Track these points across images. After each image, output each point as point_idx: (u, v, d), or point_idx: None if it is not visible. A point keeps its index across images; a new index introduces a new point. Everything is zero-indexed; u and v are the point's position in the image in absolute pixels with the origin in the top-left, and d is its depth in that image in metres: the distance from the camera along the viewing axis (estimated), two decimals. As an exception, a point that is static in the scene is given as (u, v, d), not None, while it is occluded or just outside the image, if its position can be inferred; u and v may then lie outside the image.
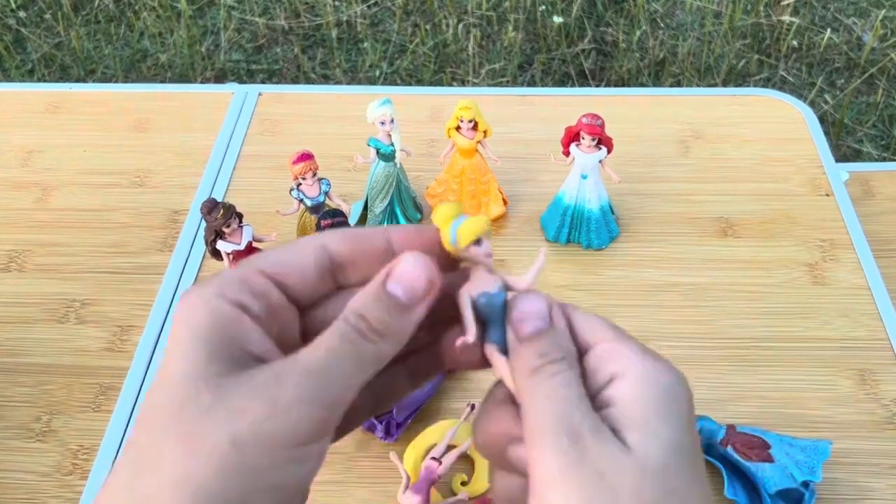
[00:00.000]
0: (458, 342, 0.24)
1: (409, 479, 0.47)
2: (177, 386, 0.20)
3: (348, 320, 0.22)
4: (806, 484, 0.44)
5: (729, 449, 0.46)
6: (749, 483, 0.46)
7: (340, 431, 0.24)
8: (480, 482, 0.48)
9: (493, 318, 0.24)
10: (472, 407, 0.50)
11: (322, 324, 0.22)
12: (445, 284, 0.23)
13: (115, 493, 0.20)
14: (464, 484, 0.48)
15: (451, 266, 0.24)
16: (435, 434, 0.49)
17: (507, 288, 0.24)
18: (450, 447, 0.48)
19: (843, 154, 1.33)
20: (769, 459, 0.45)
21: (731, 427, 0.47)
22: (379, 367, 0.22)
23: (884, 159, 1.32)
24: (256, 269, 0.22)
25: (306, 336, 0.23)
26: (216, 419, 0.20)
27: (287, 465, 0.20)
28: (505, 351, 0.24)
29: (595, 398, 0.22)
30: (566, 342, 0.23)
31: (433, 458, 0.47)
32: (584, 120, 0.56)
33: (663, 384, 0.22)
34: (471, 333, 0.23)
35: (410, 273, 0.22)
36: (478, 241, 0.24)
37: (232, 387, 0.20)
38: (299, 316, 0.23)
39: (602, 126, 0.56)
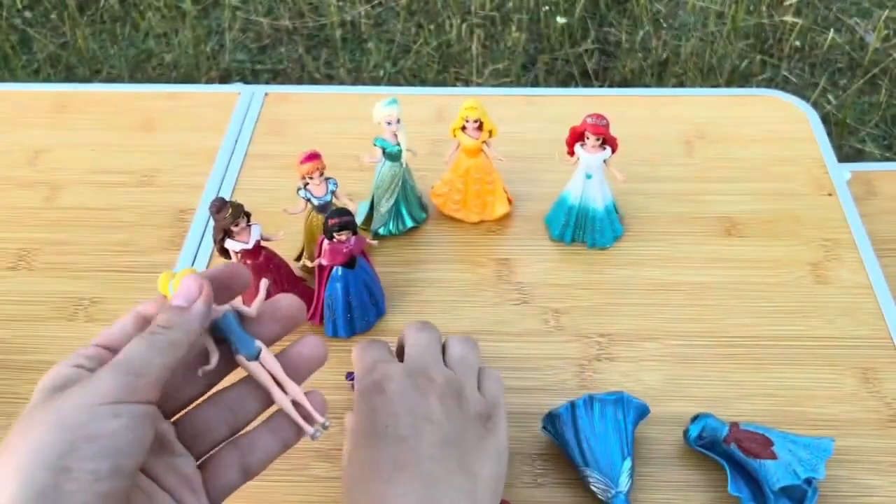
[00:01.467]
0: (200, 372, 0.34)
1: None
2: (25, 413, 0.29)
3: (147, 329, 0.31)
4: (809, 481, 0.45)
5: (732, 446, 0.46)
6: (752, 480, 0.46)
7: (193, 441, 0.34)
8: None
9: (234, 334, 0.34)
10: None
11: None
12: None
13: None
14: (469, 480, 0.48)
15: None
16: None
17: (236, 310, 0.35)
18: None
19: (846, 154, 1.33)
20: (772, 457, 0.45)
21: (734, 425, 0.47)
22: (177, 353, 0.31)
23: (886, 159, 1.32)
24: (92, 344, 0.32)
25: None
26: (43, 404, 0.28)
27: (102, 418, 0.27)
28: (249, 358, 0.34)
29: None
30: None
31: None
32: (588, 120, 0.56)
33: None
34: (213, 360, 0.34)
35: (185, 285, 0.32)
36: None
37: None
38: None
39: (607, 126, 0.56)
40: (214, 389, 0.36)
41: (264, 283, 0.35)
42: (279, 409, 0.36)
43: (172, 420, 0.34)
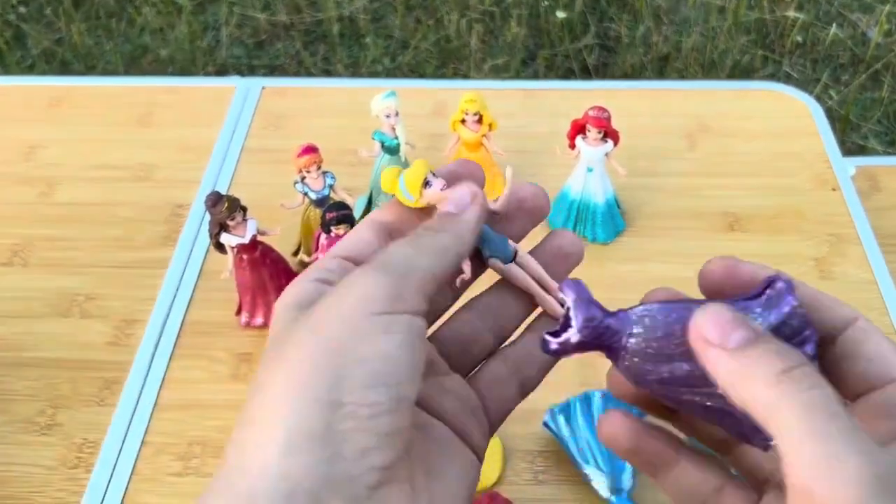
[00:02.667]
0: (458, 281, 0.26)
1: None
2: (274, 334, 0.22)
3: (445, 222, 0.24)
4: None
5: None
6: (757, 477, 0.45)
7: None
8: (486, 475, 0.48)
9: (485, 235, 0.27)
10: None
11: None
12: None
13: (233, 441, 0.21)
14: (470, 478, 0.48)
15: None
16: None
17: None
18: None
19: (848, 150, 1.33)
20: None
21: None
22: (445, 258, 0.24)
23: (889, 154, 1.32)
24: (330, 256, 0.25)
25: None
26: (295, 324, 0.22)
27: (371, 336, 0.21)
28: (506, 261, 0.27)
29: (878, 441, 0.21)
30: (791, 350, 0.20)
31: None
32: (590, 113, 0.56)
33: None
34: (467, 269, 0.26)
35: (456, 192, 0.25)
36: (426, 184, 0.25)
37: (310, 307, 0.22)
38: None
39: (608, 119, 0.56)
40: (465, 298, 0.28)
41: (510, 171, 0.28)
42: (544, 313, 0.28)
43: (429, 335, 0.26)
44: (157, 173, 0.68)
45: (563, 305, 0.24)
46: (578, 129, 0.57)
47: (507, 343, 0.28)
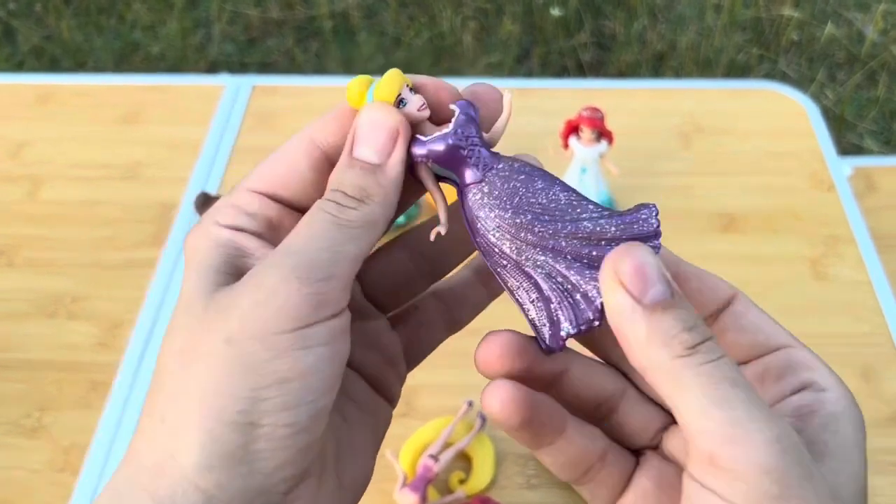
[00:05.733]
0: (432, 235, 0.22)
1: (405, 477, 0.46)
2: (176, 311, 0.20)
3: (325, 195, 0.21)
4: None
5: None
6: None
7: (400, 302, 0.25)
8: (478, 480, 0.47)
9: (461, 170, 0.22)
10: (470, 404, 0.49)
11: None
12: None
13: (143, 434, 0.20)
14: (461, 481, 0.47)
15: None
16: (432, 431, 0.48)
17: (470, 129, 0.22)
18: (447, 445, 0.48)
19: (844, 149, 1.33)
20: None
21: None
22: (374, 234, 0.21)
23: (884, 154, 1.31)
24: (248, 189, 0.21)
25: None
26: (208, 324, 0.19)
27: (289, 353, 0.19)
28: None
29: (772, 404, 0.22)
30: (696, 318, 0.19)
31: (430, 456, 0.46)
32: (584, 113, 0.55)
33: (858, 413, 0.21)
34: (443, 223, 0.22)
35: (370, 130, 0.21)
36: (401, 101, 0.21)
37: (223, 293, 0.20)
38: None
39: (602, 119, 0.55)
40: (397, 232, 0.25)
41: (508, 96, 0.23)
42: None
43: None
44: (146, 172, 0.67)
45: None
46: (572, 129, 0.56)
47: (442, 282, 0.26)
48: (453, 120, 0.21)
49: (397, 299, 0.25)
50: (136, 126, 0.71)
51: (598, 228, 0.21)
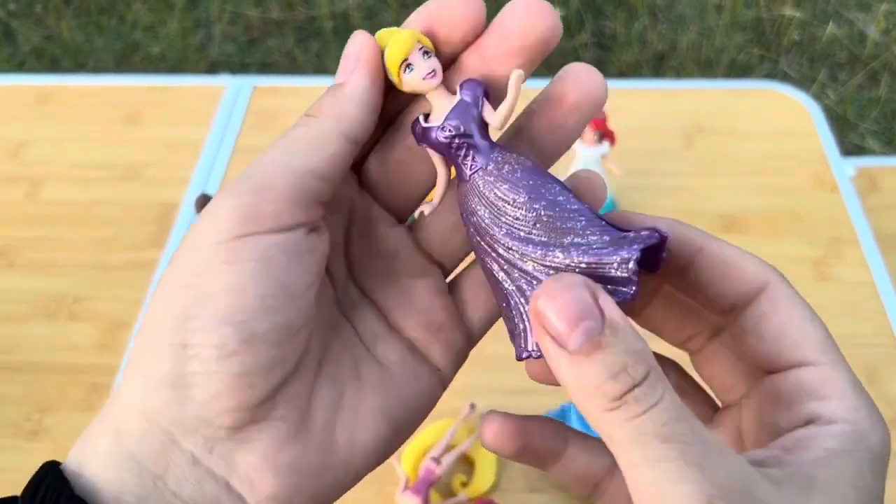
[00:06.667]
0: (427, 211, 0.22)
1: (407, 479, 0.46)
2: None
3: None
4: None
5: (735, 449, 0.45)
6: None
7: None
8: (480, 482, 0.47)
9: (452, 159, 0.21)
10: (472, 406, 0.49)
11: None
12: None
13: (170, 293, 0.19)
14: (463, 484, 0.47)
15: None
16: (434, 434, 0.48)
17: (474, 111, 0.20)
18: (449, 447, 0.47)
19: (846, 149, 1.32)
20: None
21: (736, 426, 0.46)
22: (325, 148, 0.20)
23: (886, 154, 1.31)
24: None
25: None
26: (181, 247, 0.20)
27: (218, 267, 0.19)
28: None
29: (774, 431, 0.20)
30: (637, 343, 0.17)
31: (432, 459, 0.46)
32: (586, 113, 0.55)
33: (873, 447, 0.19)
34: (434, 203, 0.21)
35: (346, 51, 0.21)
36: (407, 66, 0.20)
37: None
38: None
39: (605, 119, 0.55)
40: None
41: (517, 74, 0.21)
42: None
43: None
44: (146, 173, 0.67)
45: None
46: (574, 128, 0.56)
47: None
48: (453, 105, 0.20)
49: (457, 260, 0.23)
50: (137, 126, 0.71)
51: (568, 260, 0.19)
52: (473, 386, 0.52)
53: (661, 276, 0.21)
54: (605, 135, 0.56)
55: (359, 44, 0.20)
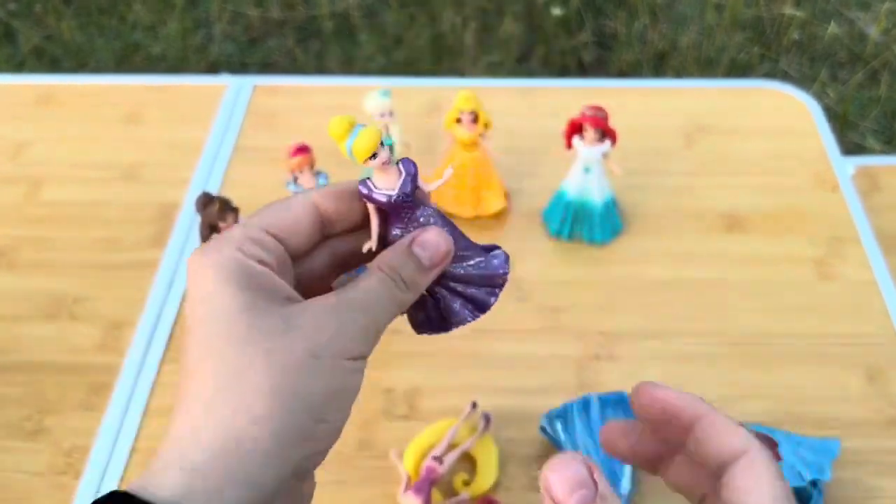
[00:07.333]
0: (364, 248, 0.28)
1: (409, 479, 0.46)
2: (237, 314, 0.24)
3: (384, 270, 0.27)
4: (814, 483, 0.44)
5: (737, 448, 0.45)
6: (757, 483, 0.45)
7: None
8: (482, 481, 0.47)
9: (397, 214, 0.28)
10: (474, 405, 0.49)
11: (309, 272, 0.28)
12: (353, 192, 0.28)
13: (200, 411, 0.23)
14: (465, 483, 0.47)
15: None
16: (436, 433, 0.48)
17: (409, 189, 0.28)
18: (451, 446, 0.47)
19: (846, 148, 1.32)
20: (777, 458, 0.44)
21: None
22: (401, 311, 0.27)
23: (887, 153, 1.31)
24: (261, 228, 0.26)
25: (298, 284, 0.27)
26: (294, 338, 0.24)
27: (349, 374, 0.25)
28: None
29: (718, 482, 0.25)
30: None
31: (434, 458, 0.46)
32: (587, 112, 0.55)
33: None
34: (373, 242, 0.28)
35: (434, 242, 0.27)
36: (373, 155, 0.27)
37: (296, 314, 0.25)
38: (292, 266, 0.27)
39: (606, 118, 0.55)
40: None
41: (449, 171, 0.30)
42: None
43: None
44: (147, 173, 0.67)
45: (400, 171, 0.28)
46: (575, 128, 0.56)
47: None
48: (401, 179, 0.28)
49: (311, 292, 0.28)
50: (138, 126, 0.71)
51: (469, 272, 0.28)
52: (473, 385, 0.52)
53: (675, 445, 0.28)
54: (607, 134, 0.55)
55: (449, 251, 0.28)
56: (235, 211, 0.50)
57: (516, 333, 0.54)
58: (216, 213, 0.49)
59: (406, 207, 0.28)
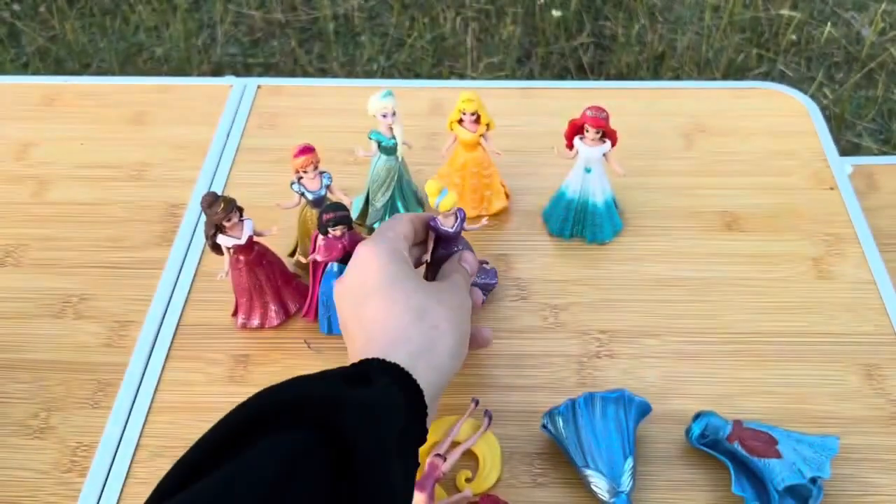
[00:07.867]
0: (423, 257, 0.50)
1: (413, 475, 0.46)
2: (408, 271, 0.44)
3: (458, 271, 0.48)
4: (814, 480, 0.44)
5: (736, 444, 0.45)
6: (756, 479, 0.45)
7: None
8: (485, 478, 0.47)
9: (447, 240, 0.49)
10: (476, 402, 0.50)
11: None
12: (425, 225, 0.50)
13: (408, 322, 0.41)
14: (468, 480, 0.47)
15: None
16: (438, 430, 0.49)
17: (461, 227, 0.49)
18: (454, 443, 0.48)
19: (843, 148, 1.33)
20: (777, 455, 0.45)
21: (737, 423, 0.46)
22: (467, 284, 0.48)
23: (883, 153, 1.32)
24: (403, 232, 0.46)
25: None
26: (434, 292, 0.43)
27: (468, 322, 0.45)
28: (445, 256, 0.50)
29: None
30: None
31: (437, 455, 0.46)
32: (588, 112, 0.55)
33: None
34: (428, 255, 0.50)
35: (473, 260, 0.50)
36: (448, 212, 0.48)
37: (417, 275, 0.45)
38: None
39: (607, 119, 0.55)
40: None
41: (484, 221, 0.54)
42: None
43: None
44: (152, 173, 0.67)
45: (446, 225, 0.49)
46: (576, 129, 0.57)
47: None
48: (457, 221, 0.49)
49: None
50: (143, 126, 0.71)
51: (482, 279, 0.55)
52: (476, 383, 0.52)
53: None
54: (607, 134, 0.56)
55: (476, 269, 0.52)
56: (240, 210, 0.51)
57: (517, 331, 0.55)
58: (221, 213, 0.50)
59: (453, 238, 0.49)
